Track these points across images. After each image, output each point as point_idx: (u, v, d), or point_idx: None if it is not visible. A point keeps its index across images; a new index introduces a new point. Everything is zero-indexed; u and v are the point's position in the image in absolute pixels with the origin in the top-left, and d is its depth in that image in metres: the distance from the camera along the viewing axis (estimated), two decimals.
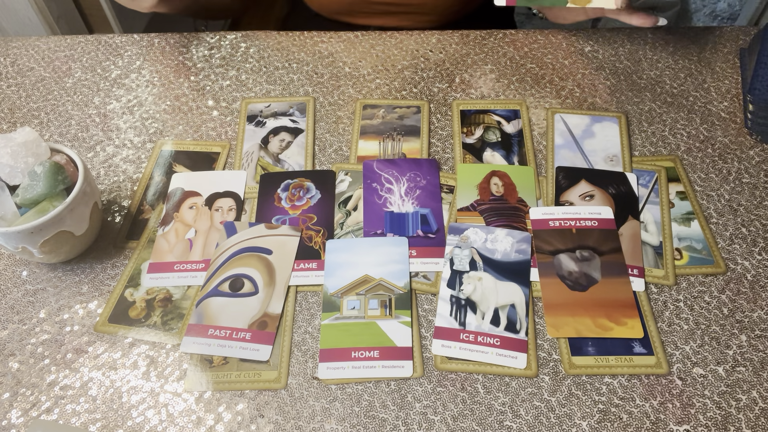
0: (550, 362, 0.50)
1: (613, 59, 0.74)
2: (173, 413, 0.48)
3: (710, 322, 0.52)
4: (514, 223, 0.58)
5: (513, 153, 0.64)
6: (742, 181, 0.61)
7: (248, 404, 0.48)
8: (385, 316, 0.52)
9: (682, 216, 0.58)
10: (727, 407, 0.47)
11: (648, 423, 0.46)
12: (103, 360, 0.51)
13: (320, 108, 0.70)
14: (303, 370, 0.50)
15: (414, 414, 0.47)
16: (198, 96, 0.72)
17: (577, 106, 0.68)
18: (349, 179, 0.62)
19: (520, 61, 0.74)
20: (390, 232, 0.58)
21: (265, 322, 0.52)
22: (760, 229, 0.57)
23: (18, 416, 0.48)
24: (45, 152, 0.53)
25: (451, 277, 0.54)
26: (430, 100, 0.70)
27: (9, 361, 0.51)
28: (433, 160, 0.63)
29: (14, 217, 0.51)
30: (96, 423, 0.47)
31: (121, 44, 0.78)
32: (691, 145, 0.64)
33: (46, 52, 0.77)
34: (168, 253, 0.57)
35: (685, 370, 0.49)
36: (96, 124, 0.69)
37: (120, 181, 0.64)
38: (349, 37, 0.77)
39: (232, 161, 0.65)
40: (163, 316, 0.53)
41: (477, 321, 0.51)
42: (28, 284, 0.56)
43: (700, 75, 0.71)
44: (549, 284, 0.53)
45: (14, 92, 0.73)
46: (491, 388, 0.49)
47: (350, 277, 0.54)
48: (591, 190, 0.60)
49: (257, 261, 0.56)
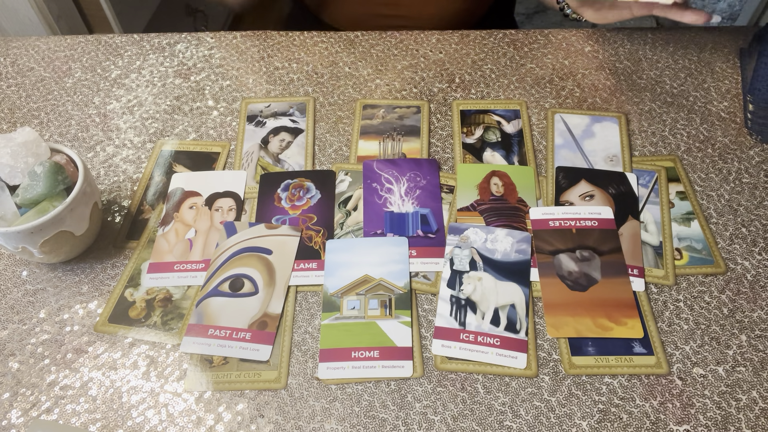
0: (550, 362, 0.50)
1: (613, 59, 0.73)
2: (173, 413, 0.48)
3: (710, 322, 0.52)
4: (514, 223, 0.58)
5: (513, 153, 0.64)
6: (742, 181, 0.61)
7: (248, 404, 0.48)
8: (385, 316, 0.52)
9: (682, 216, 0.58)
10: (727, 407, 0.47)
11: (648, 423, 0.46)
12: (103, 360, 0.51)
13: (320, 108, 0.70)
14: (303, 370, 0.50)
15: (414, 414, 0.47)
16: (198, 96, 0.72)
17: (577, 106, 0.68)
18: (349, 179, 0.62)
19: (520, 61, 0.73)
20: (390, 232, 0.58)
21: (265, 322, 0.52)
22: (760, 229, 0.57)
23: (18, 416, 0.48)
24: (45, 152, 0.53)
25: (451, 277, 0.54)
26: (430, 100, 0.70)
27: (9, 361, 0.51)
28: (433, 160, 0.63)
29: (14, 217, 0.51)
30: (96, 423, 0.47)
31: (121, 44, 0.78)
32: (691, 145, 0.64)
33: (46, 52, 0.77)
34: (168, 253, 0.57)
35: (685, 370, 0.49)
36: (96, 124, 0.69)
37: (120, 181, 0.64)
38: (349, 37, 0.77)
39: (232, 161, 0.65)
40: (163, 316, 0.53)
41: (477, 321, 0.51)
42: (28, 284, 0.56)
43: (700, 75, 0.71)
44: (549, 284, 0.53)
45: (14, 92, 0.73)
46: (491, 388, 0.49)
47: (350, 277, 0.54)
48: (591, 190, 0.60)
49: (257, 261, 0.56)
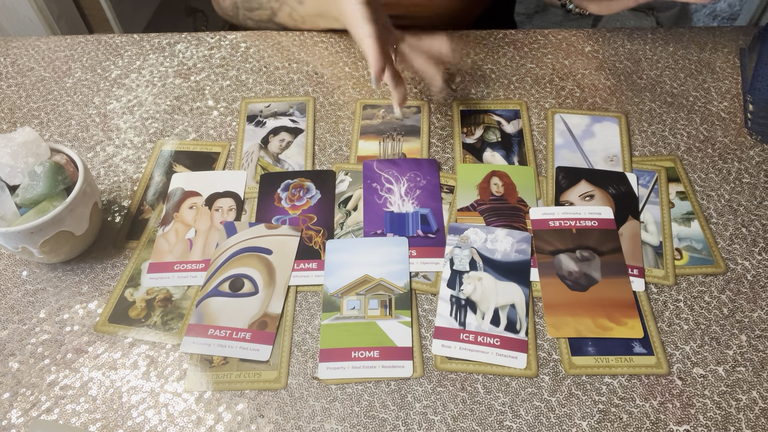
0: (550, 362, 0.50)
1: (613, 59, 0.73)
2: (173, 413, 0.48)
3: (710, 322, 0.52)
4: (514, 223, 0.58)
5: (513, 153, 0.64)
6: (742, 181, 0.61)
7: (248, 404, 0.48)
8: (385, 316, 0.52)
9: (682, 216, 0.58)
10: (727, 407, 0.47)
11: (648, 423, 0.46)
12: (103, 360, 0.51)
13: (320, 108, 0.70)
14: (303, 370, 0.50)
15: (414, 414, 0.47)
16: (198, 96, 0.72)
17: (577, 106, 0.68)
18: (349, 179, 0.62)
19: (520, 61, 0.73)
20: (390, 232, 0.58)
21: (265, 322, 0.52)
22: (760, 229, 0.57)
23: (18, 416, 0.48)
24: (45, 152, 0.53)
25: (451, 277, 0.54)
26: (430, 100, 0.70)
27: (9, 361, 0.51)
28: (433, 160, 0.63)
29: (14, 217, 0.51)
30: (96, 423, 0.47)
31: (121, 44, 0.78)
32: (691, 145, 0.64)
33: (46, 52, 0.77)
34: (168, 253, 0.57)
35: (685, 370, 0.49)
36: (96, 124, 0.69)
37: (120, 181, 0.64)
38: (350, 37, 0.77)
39: (232, 161, 0.65)
40: (163, 316, 0.53)
41: (477, 321, 0.51)
42: (28, 284, 0.56)
43: (700, 75, 0.71)
44: (549, 284, 0.53)
45: (14, 92, 0.73)
46: (491, 388, 0.49)
47: (350, 277, 0.54)
48: (591, 190, 0.60)
49: (257, 261, 0.56)
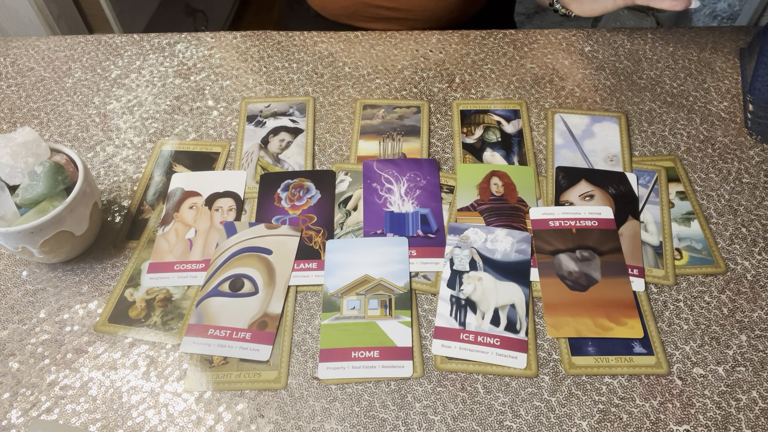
0: (550, 362, 0.50)
1: (613, 59, 0.73)
2: (173, 413, 0.48)
3: (710, 322, 0.52)
4: (514, 223, 0.58)
5: (513, 153, 0.64)
6: (742, 181, 0.61)
7: (248, 404, 0.48)
8: (385, 316, 0.52)
9: (682, 216, 0.58)
10: (727, 407, 0.47)
11: (648, 423, 0.46)
12: (103, 360, 0.51)
13: (320, 108, 0.70)
14: (303, 370, 0.50)
15: (414, 414, 0.47)
16: (198, 96, 0.72)
17: (577, 106, 0.68)
18: (349, 179, 0.62)
19: (520, 61, 0.73)
20: (390, 232, 0.58)
21: (265, 322, 0.52)
22: (760, 229, 0.57)
23: (18, 416, 0.48)
24: (45, 152, 0.53)
25: (451, 277, 0.54)
26: (430, 100, 0.70)
27: (9, 361, 0.51)
28: (433, 160, 0.63)
29: (14, 217, 0.51)
30: (96, 423, 0.47)
31: (121, 44, 0.78)
32: (691, 145, 0.64)
33: (46, 52, 0.77)
34: (168, 253, 0.57)
35: (685, 370, 0.49)
36: (96, 124, 0.69)
37: (120, 181, 0.64)
38: (349, 37, 0.77)
39: (232, 161, 0.65)
40: (163, 316, 0.53)
41: (477, 321, 0.51)
42: (28, 284, 0.56)
43: (700, 75, 0.71)
44: (549, 284, 0.53)
45: (14, 92, 0.73)
46: (491, 388, 0.49)
47: (350, 277, 0.54)
48: (591, 190, 0.60)
49: (257, 261, 0.56)
